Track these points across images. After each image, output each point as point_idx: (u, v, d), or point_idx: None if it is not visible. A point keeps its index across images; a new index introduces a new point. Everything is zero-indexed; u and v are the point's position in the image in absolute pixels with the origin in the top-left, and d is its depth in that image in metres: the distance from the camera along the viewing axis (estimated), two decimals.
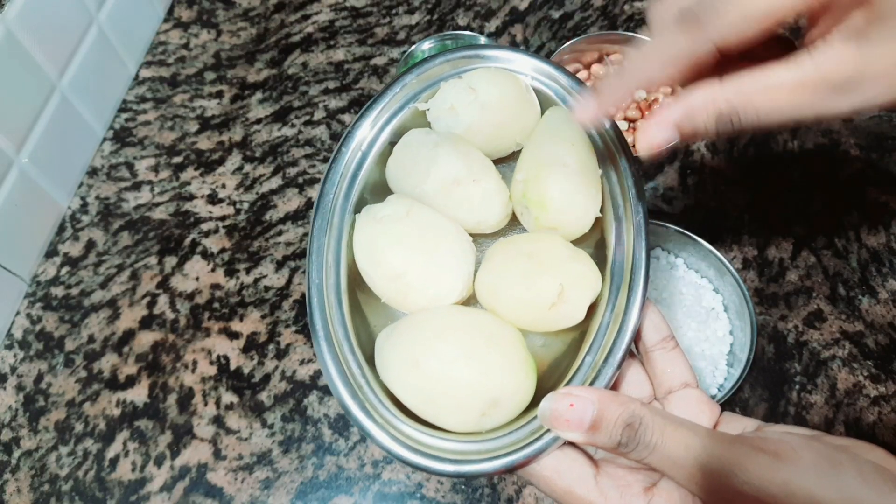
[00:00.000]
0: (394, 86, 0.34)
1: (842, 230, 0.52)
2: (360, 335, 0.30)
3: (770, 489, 0.23)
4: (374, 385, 0.28)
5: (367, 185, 0.33)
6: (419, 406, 0.28)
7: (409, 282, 0.30)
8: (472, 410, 0.27)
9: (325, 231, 0.32)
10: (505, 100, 0.33)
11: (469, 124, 0.33)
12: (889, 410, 0.45)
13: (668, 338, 0.29)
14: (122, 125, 0.66)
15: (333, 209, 0.32)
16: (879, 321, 0.49)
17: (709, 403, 0.28)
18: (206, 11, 0.75)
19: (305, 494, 0.47)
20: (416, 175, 0.32)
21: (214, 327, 0.54)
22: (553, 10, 0.72)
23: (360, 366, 0.29)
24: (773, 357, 0.49)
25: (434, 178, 0.31)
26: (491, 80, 0.33)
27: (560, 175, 0.30)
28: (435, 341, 0.27)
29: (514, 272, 0.29)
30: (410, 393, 0.28)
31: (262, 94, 0.68)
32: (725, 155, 0.60)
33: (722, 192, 0.58)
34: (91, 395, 0.51)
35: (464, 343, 0.28)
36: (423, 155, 0.32)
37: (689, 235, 0.50)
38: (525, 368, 0.28)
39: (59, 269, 0.57)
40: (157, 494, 0.47)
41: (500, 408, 0.27)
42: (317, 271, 0.30)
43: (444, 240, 0.30)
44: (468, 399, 0.27)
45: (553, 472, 0.26)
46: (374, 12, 0.75)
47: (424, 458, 0.26)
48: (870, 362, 0.47)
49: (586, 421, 0.25)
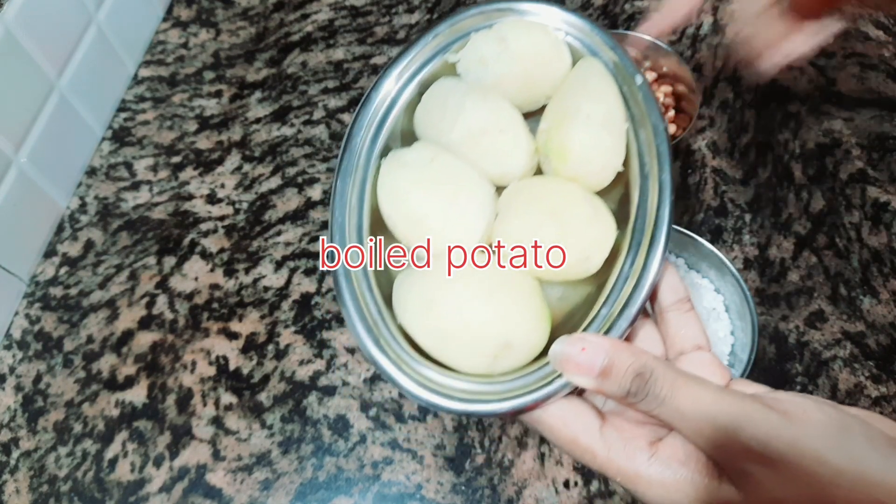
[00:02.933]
0: (426, 35, 0.34)
1: (843, 230, 0.51)
2: (380, 277, 0.30)
3: (777, 446, 0.23)
4: (391, 325, 0.29)
5: (395, 133, 0.33)
6: (433, 346, 0.28)
7: (430, 225, 0.30)
8: (485, 352, 0.27)
9: (350, 173, 0.32)
10: (536, 52, 0.32)
11: (499, 76, 0.33)
12: (890, 411, 0.45)
13: (685, 300, 0.29)
14: (121, 125, 0.66)
15: (360, 152, 0.32)
16: (881, 321, 0.48)
17: (720, 367, 0.28)
18: (205, 11, 0.75)
19: (305, 495, 0.47)
20: (444, 123, 0.32)
21: (213, 328, 0.54)
22: None
23: (378, 305, 0.29)
24: (775, 357, 0.49)
25: (461, 127, 0.31)
26: (522, 32, 0.33)
27: (582, 126, 0.30)
28: (450, 282, 0.28)
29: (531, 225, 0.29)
30: (425, 333, 0.28)
31: (262, 94, 0.68)
32: (726, 154, 0.60)
33: (723, 192, 0.58)
34: (90, 396, 0.51)
35: (479, 286, 0.28)
36: (452, 104, 0.32)
37: (690, 235, 0.50)
38: (539, 315, 0.28)
39: (57, 270, 0.57)
40: (156, 495, 0.47)
41: (512, 351, 0.27)
42: (339, 211, 0.31)
43: (466, 186, 0.30)
44: (481, 340, 0.27)
45: (558, 421, 0.26)
46: (373, 11, 0.74)
47: (435, 395, 0.27)
48: (871, 363, 0.47)
49: (597, 366, 0.25)
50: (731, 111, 0.61)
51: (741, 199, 0.57)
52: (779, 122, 0.59)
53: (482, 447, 0.48)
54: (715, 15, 0.64)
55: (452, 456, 0.48)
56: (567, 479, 0.47)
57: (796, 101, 0.57)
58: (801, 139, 0.56)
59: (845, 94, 0.57)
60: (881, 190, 0.50)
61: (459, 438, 0.49)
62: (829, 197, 0.53)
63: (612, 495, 0.46)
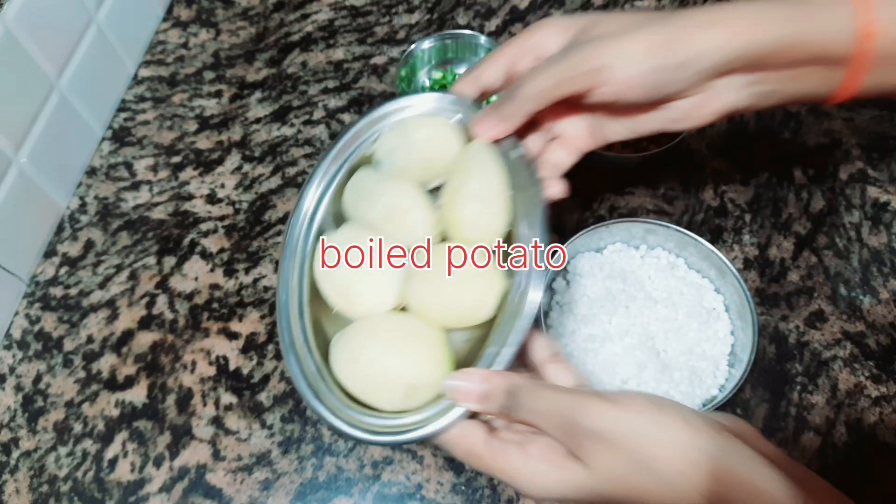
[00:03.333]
0: (346, 132, 0.42)
1: (843, 230, 0.51)
2: (319, 340, 0.37)
3: (606, 425, 0.29)
4: (328, 378, 0.36)
5: (328, 216, 0.41)
6: (359, 392, 0.35)
7: (352, 294, 0.37)
8: (397, 393, 0.34)
9: (291, 256, 0.39)
10: (431, 141, 0.40)
11: (404, 162, 0.40)
12: (890, 411, 0.45)
13: (558, 355, 0.35)
14: (121, 125, 0.66)
15: (298, 239, 0.40)
16: (881, 321, 0.48)
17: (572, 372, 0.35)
18: (205, 11, 0.75)
19: (305, 495, 0.47)
20: (364, 207, 0.40)
21: (213, 328, 0.54)
22: (553, 9, 0.72)
23: (317, 364, 0.37)
24: (775, 357, 0.49)
25: (377, 209, 0.39)
26: (419, 126, 0.40)
27: (468, 201, 0.37)
28: (367, 341, 0.35)
29: (436, 285, 0.36)
30: (352, 382, 0.35)
31: (262, 94, 0.68)
32: (726, 155, 0.60)
33: (723, 192, 0.58)
34: (90, 396, 0.51)
35: (391, 341, 0.35)
36: (368, 191, 0.40)
37: (690, 235, 0.50)
38: (441, 359, 0.35)
39: (57, 270, 0.57)
40: (156, 495, 0.47)
41: (419, 391, 0.34)
42: (283, 291, 0.38)
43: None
44: (392, 384, 0.34)
45: (455, 437, 0.33)
46: (373, 11, 0.74)
47: (358, 430, 0.34)
48: (871, 363, 0.47)
49: (478, 392, 0.32)
50: None
51: (741, 199, 0.58)
52: (779, 122, 0.59)
53: None
54: None
55: (452, 456, 0.48)
56: None
57: None
58: (800, 139, 0.56)
59: None
60: (881, 190, 0.50)
61: None
62: (829, 197, 0.53)
63: None
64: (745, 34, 0.34)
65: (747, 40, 0.34)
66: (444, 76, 0.67)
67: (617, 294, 0.50)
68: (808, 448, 0.45)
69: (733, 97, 0.37)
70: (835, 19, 0.34)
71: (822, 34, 0.34)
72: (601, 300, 0.50)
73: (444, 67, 0.68)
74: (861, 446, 0.45)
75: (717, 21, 0.34)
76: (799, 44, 0.34)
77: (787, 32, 0.34)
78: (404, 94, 0.61)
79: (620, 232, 0.52)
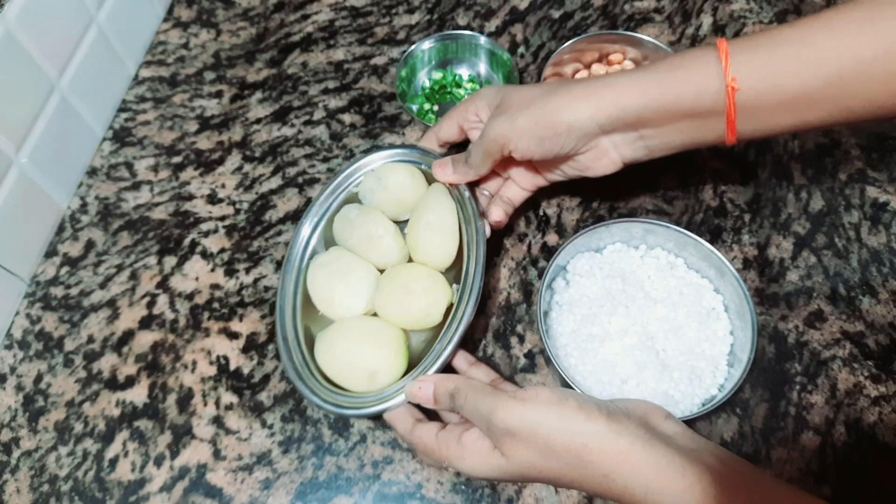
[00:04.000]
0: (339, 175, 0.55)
1: (842, 230, 0.51)
2: (306, 337, 0.49)
3: (512, 422, 0.37)
4: (311, 366, 0.47)
5: (321, 239, 0.54)
6: (334, 376, 0.46)
7: (333, 300, 0.49)
8: (362, 377, 0.45)
9: (290, 271, 0.51)
10: (400, 184, 0.52)
11: (380, 199, 0.52)
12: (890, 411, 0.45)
13: (473, 363, 0.46)
14: (122, 125, 0.66)
15: (296, 258, 0.52)
16: (880, 321, 0.48)
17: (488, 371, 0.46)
18: (206, 11, 0.75)
19: (305, 495, 0.47)
20: (347, 233, 0.51)
21: (214, 327, 0.54)
22: (553, 9, 0.72)
23: (304, 355, 0.48)
24: (774, 357, 0.49)
25: (357, 235, 0.51)
26: (391, 171, 0.52)
27: (423, 231, 0.49)
28: (340, 336, 0.47)
29: (396, 296, 0.47)
30: (329, 368, 0.46)
31: (262, 94, 0.68)
32: (726, 155, 0.60)
33: (722, 192, 0.58)
34: (90, 396, 0.51)
35: (358, 337, 0.46)
36: (350, 221, 0.51)
37: (690, 235, 0.50)
38: (397, 352, 0.46)
39: (58, 270, 0.57)
40: (157, 495, 0.47)
41: (379, 375, 0.45)
42: (281, 298, 0.50)
43: (356, 274, 0.49)
44: (358, 370, 0.45)
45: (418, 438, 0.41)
46: (373, 12, 0.75)
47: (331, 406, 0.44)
48: (870, 362, 0.47)
49: (429, 395, 0.42)
50: None
51: (741, 199, 0.58)
52: None
53: None
54: (715, 15, 0.65)
55: None
56: None
57: None
58: (800, 139, 0.56)
59: None
60: (880, 190, 0.50)
61: None
62: (828, 197, 0.53)
63: None
64: (616, 101, 0.42)
65: (619, 106, 0.42)
66: (444, 76, 0.67)
67: (616, 294, 0.50)
68: (807, 448, 0.45)
69: (626, 150, 0.45)
70: (704, 78, 0.40)
71: (693, 93, 0.41)
72: (601, 300, 0.50)
73: (443, 68, 0.68)
74: (860, 446, 0.45)
75: (592, 93, 0.43)
76: (671, 103, 0.41)
77: (659, 94, 0.41)
78: (404, 94, 0.64)
79: (620, 232, 0.53)
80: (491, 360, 0.52)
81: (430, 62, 0.68)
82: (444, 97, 0.66)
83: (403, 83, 0.65)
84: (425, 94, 0.66)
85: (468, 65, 0.68)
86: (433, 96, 0.66)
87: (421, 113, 0.65)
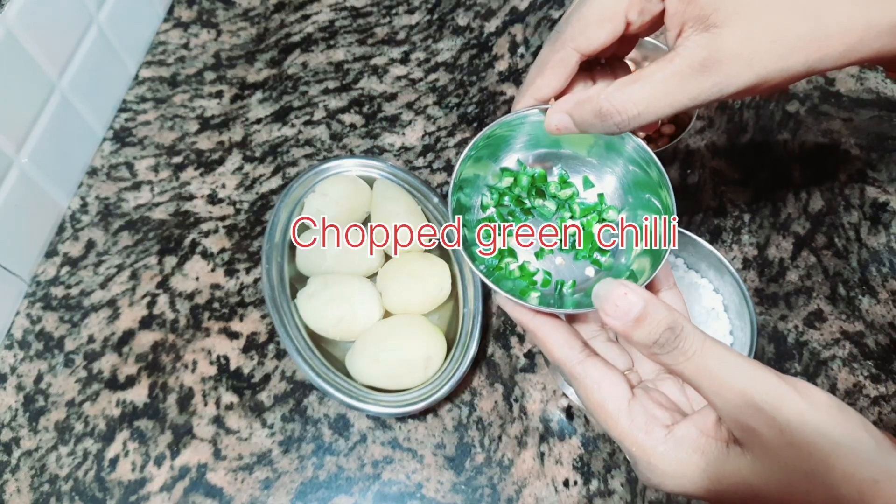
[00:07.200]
0: (285, 197, 0.55)
1: (842, 230, 0.52)
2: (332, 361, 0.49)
3: (787, 413, 0.24)
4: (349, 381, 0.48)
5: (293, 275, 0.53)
6: (383, 383, 0.48)
7: (348, 321, 0.50)
8: (418, 367, 0.47)
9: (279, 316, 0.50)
10: (346, 195, 0.55)
11: (334, 215, 0.54)
12: (889, 410, 0.45)
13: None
14: (122, 125, 0.66)
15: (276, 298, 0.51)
16: (879, 321, 0.49)
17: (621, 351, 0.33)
18: (206, 11, 0.75)
19: (305, 494, 0.47)
20: (318, 260, 0.52)
21: (214, 327, 0.54)
22: (553, 9, 0.72)
23: (337, 374, 0.48)
24: (774, 357, 0.49)
25: (328, 257, 0.52)
26: (334, 185, 0.56)
27: (392, 218, 0.52)
28: (378, 344, 0.48)
29: (408, 286, 0.50)
30: (376, 378, 0.48)
31: (262, 94, 0.68)
32: (725, 155, 0.60)
33: (722, 192, 0.58)
34: (91, 395, 0.51)
35: (399, 334, 0.48)
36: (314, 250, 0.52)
37: (689, 235, 0.50)
38: (437, 333, 0.49)
39: (58, 269, 0.57)
40: (157, 494, 0.47)
41: (433, 359, 0.47)
42: (288, 341, 0.49)
43: (354, 286, 0.50)
44: (414, 361, 0.47)
45: (594, 383, 0.28)
46: (373, 12, 0.75)
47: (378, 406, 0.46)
48: (870, 362, 0.47)
49: (633, 313, 0.26)
50: (730, 111, 0.62)
51: (740, 199, 0.58)
52: (778, 122, 0.59)
53: (482, 446, 0.48)
54: None
55: (452, 455, 0.48)
56: (567, 478, 0.47)
57: (796, 101, 0.57)
58: (800, 139, 0.56)
59: (844, 95, 0.57)
60: (880, 190, 0.50)
61: (459, 438, 0.49)
62: (827, 197, 0.53)
63: (611, 494, 0.46)
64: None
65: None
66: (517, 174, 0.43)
67: None
68: None
69: None
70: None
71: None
72: None
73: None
74: None
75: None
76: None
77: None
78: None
79: None
80: (491, 359, 0.52)
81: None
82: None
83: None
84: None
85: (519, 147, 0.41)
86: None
87: None
